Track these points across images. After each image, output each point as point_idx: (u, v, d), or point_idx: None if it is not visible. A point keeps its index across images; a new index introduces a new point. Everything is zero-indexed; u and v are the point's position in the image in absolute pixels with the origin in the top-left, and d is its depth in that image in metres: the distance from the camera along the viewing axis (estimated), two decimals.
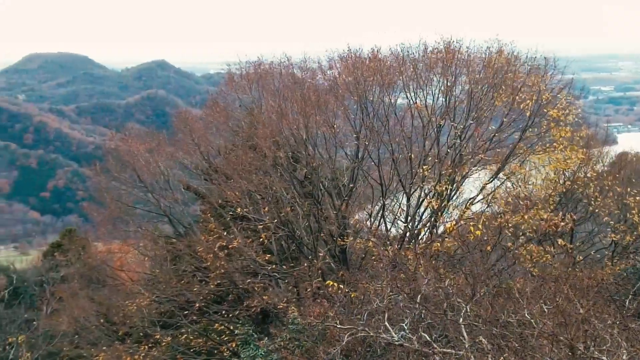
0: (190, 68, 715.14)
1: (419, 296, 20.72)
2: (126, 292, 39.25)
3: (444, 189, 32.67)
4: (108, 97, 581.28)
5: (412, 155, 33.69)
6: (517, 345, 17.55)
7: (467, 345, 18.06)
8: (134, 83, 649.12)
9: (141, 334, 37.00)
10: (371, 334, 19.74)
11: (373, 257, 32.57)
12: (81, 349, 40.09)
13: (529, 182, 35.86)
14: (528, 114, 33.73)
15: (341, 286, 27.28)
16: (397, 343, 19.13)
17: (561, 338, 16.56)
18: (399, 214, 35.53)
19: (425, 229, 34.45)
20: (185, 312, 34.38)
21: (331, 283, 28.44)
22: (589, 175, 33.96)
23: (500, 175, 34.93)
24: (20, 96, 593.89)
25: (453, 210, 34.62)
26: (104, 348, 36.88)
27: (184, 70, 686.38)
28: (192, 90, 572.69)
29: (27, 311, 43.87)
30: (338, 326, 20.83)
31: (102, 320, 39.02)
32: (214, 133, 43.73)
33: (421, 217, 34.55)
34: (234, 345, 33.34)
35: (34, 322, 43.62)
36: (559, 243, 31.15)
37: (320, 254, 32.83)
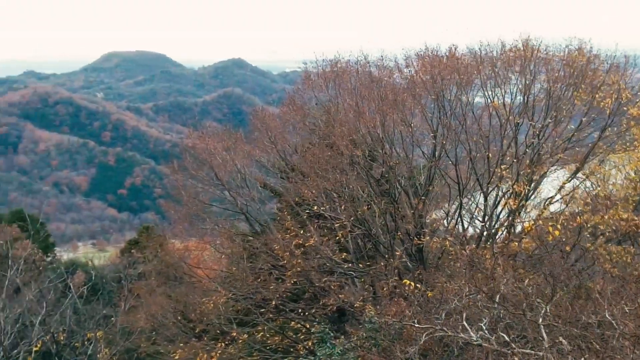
0: (267, 66, 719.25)
1: (498, 296, 20.55)
2: (203, 290, 39.47)
3: (521, 188, 32.35)
4: (185, 95, 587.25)
5: (490, 155, 33.40)
6: (597, 346, 17.32)
7: (546, 346, 17.86)
8: (211, 81, 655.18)
9: (218, 331, 37.18)
10: (449, 333, 19.62)
11: (450, 257, 32.40)
12: (158, 345, 40.44)
13: (609, 182, 35.36)
14: (608, 112, 33.27)
15: (418, 285, 27.19)
16: (475, 343, 19.00)
17: None
18: (476, 213, 35.25)
19: (503, 228, 34.16)
20: (262, 310, 34.48)
21: (408, 282, 28.36)
22: None
23: (579, 174, 34.51)
24: (99, 94, 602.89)
25: (531, 210, 34.28)
26: (181, 345, 37.15)
27: (261, 68, 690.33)
28: (268, 88, 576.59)
29: (105, 307, 44.31)
30: (416, 325, 20.75)
31: (179, 317, 39.28)
32: (290, 131, 43.86)
33: (498, 217, 34.25)
34: (310, 343, 33.43)
35: (112, 319, 44.04)
36: None
37: (397, 253, 32.67)
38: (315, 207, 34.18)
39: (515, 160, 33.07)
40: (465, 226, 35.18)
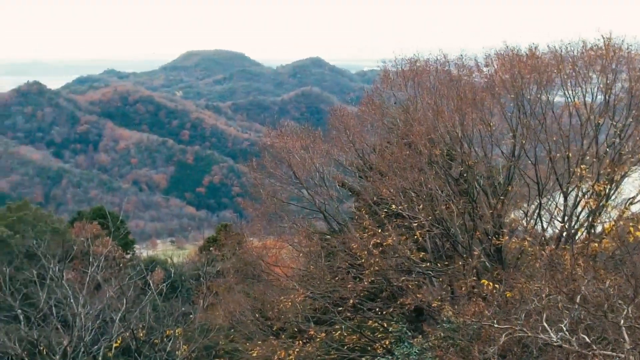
0: (345, 65, 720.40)
1: (578, 297, 20.33)
2: (280, 288, 39.65)
3: (602, 188, 31.98)
4: (263, 94, 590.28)
5: (570, 154, 33.07)
6: None
7: (628, 348, 17.64)
8: (289, 80, 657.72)
9: (295, 329, 37.34)
10: (529, 334, 19.47)
11: (529, 257, 32.15)
12: (236, 343, 40.69)
13: None
14: None
15: (496, 285, 27.03)
16: (555, 344, 18.82)
17: None
18: (555, 214, 34.91)
19: (583, 229, 33.79)
20: (339, 309, 34.52)
21: (486, 282, 28.20)
22: None
23: None
24: (178, 93, 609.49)
25: (612, 210, 33.83)
26: (259, 343, 37.31)
27: (339, 67, 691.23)
28: (346, 87, 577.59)
29: (184, 305, 44.68)
30: (495, 326, 20.63)
31: (257, 315, 39.49)
32: (368, 130, 43.89)
33: (578, 217, 33.88)
34: (387, 342, 33.39)
35: (191, 316, 44.35)
36: None
37: (475, 253, 32.52)
38: (393, 206, 34.13)
39: (595, 160, 32.70)
40: (545, 226, 34.86)
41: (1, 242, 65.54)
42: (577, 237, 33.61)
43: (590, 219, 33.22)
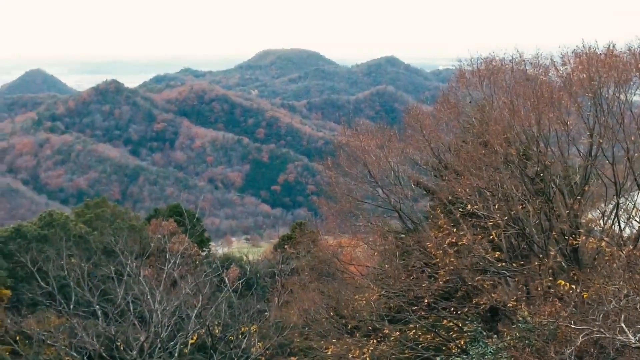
0: (420, 64, 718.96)
1: None
2: (355, 286, 39.71)
3: None
4: (338, 93, 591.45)
5: None
6: None
7: None
8: (364, 79, 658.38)
9: (370, 328, 37.34)
10: (606, 335, 19.33)
11: (606, 258, 31.81)
12: (311, 341, 40.80)
13: None
14: None
15: (573, 286, 26.83)
16: (633, 345, 18.67)
17: None
18: (633, 214, 34.50)
19: None
20: (414, 308, 34.49)
21: (563, 282, 28.00)
22: None
23: None
24: (254, 91, 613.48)
25: None
26: (334, 341, 37.40)
27: (414, 66, 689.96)
28: (421, 86, 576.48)
29: (259, 302, 44.98)
30: (572, 326, 20.51)
31: (331, 313, 39.59)
32: (444, 129, 43.75)
33: None
34: (462, 342, 33.30)
35: (266, 313, 44.68)
36: None
37: (551, 253, 32.28)
38: (469, 206, 34.03)
39: None
40: (622, 226, 34.47)
41: (79, 239, 66.67)
42: None
43: None
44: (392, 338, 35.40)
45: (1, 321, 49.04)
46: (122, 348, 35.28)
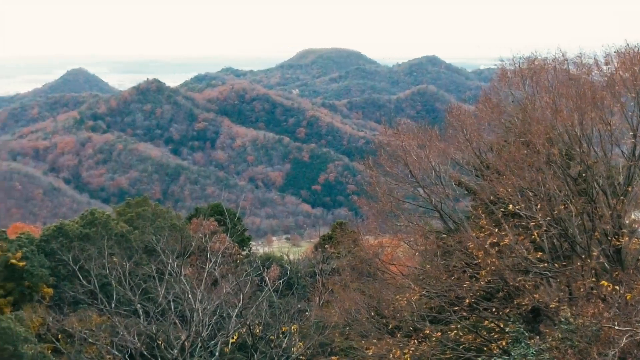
0: (461, 63, 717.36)
1: None
2: (396, 286, 39.64)
3: None
4: (379, 92, 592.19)
5: None
6: None
7: None
8: (405, 78, 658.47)
9: (411, 328, 37.23)
10: None
11: None
12: (351, 340, 40.79)
13: None
14: None
15: (616, 287, 26.62)
16: None
17: None
18: None
19: None
20: (455, 308, 34.36)
21: (606, 283, 27.79)
22: None
23: None
24: (294, 91, 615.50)
25: None
26: (374, 341, 37.33)
27: (455, 65, 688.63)
28: (462, 85, 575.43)
29: (299, 301, 45.09)
30: (615, 327, 20.35)
31: (372, 313, 39.54)
32: (486, 129, 43.59)
33: None
34: (504, 343, 33.13)
35: (306, 313, 44.78)
36: None
37: (594, 254, 32.03)
38: (511, 206, 33.84)
39: None
40: None
41: (121, 238, 67.16)
42: None
43: None
44: (433, 338, 35.28)
45: (43, 319, 49.55)
46: (163, 347, 35.52)
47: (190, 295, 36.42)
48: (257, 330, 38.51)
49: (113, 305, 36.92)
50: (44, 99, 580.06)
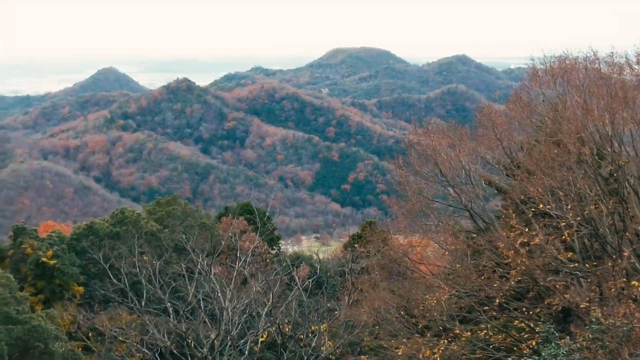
0: (491, 63, 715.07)
1: None
2: (426, 286, 39.59)
3: None
4: (408, 92, 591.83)
5: None
6: None
7: None
8: (434, 77, 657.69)
9: (440, 327, 37.16)
10: None
11: None
12: (381, 340, 40.75)
13: None
14: None
15: None
16: None
17: None
18: None
19: None
20: (485, 308, 34.27)
21: (637, 284, 27.66)
22: None
23: None
24: (324, 90, 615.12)
25: None
26: (404, 340, 37.26)
27: (485, 65, 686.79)
28: (493, 85, 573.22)
29: (329, 301, 45.07)
30: None
31: (402, 313, 39.48)
32: (516, 128, 43.46)
33: None
34: (534, 343, 33.00)
35: (336, 312, 44.75)
36: None
37: (625, 254, 31.84)
38: (541, 205, 33.72)
39: None
40: None
41: (151, 236, 67.53)
42: None
43: None
44: (463, 338, 35.20)
45: (74, 317, 49.88)
46: (192, 345, 35.63)
47: (219, 294, 36.52)
48: (287, 329, 38.53)
49: (143, 303, 37.05)
50: (74, 98, 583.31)
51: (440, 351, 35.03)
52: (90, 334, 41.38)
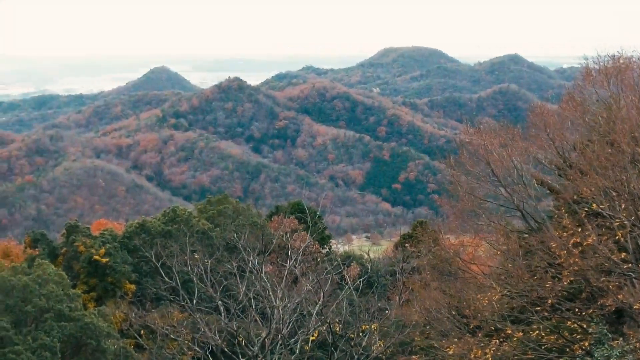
0: (543, 62, 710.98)
1: None
2: (477, 286, 39.45)
3: None
4: (460, 91, 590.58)
5: None
6: None
7: None
8: (486, 77, 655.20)
9: (492, 328, 37.02)
10: None
11: None
12: (432, 339, 40.66)
13: None
14: None
15: None
16: None
17: None
18: None
19: None
20: (537, 308, 34.07)
21: None
22: None
23: None
24: (375, 89, 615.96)
25: None
26: (455, 340, 37.17)
27: (537, 64, 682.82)
28: (545, 84, 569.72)
29: (379, 300, 45.03)
30: None
31: (453, 312, 39.36)
32: (569, 128, 43.15)
33: None
34: (586, 344, 32.77)
35: (386, 311, 44.66)
36: None
37: None
38: (594, 206, 33.46)
39: None
40: None
41: (202, 235, 67.95)
42: None
43: None
44: (515, 339, 35.05)
45: (126, 315, 50.36)
46: (243, 344, 35.75)
47: (270, 293, 36.60)
48: (337, 329, 38.51)
49: (194, 301, 37.24)
50: (127, 97, 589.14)
51: (492, 351, 34.90)
52: (142, 332, 41.62)
